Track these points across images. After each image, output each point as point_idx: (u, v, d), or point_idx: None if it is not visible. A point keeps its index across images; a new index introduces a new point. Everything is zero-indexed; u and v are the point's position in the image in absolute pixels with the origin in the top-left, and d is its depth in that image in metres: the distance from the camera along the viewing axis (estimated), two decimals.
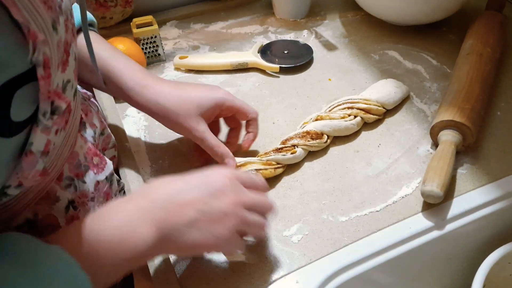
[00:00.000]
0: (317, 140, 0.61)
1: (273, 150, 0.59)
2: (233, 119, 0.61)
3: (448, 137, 0.58)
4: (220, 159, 0.56)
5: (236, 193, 0.43)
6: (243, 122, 0.62)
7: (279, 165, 0.59)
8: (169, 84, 0.56)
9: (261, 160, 0.58)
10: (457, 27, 0.86)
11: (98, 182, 0.49)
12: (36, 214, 0.40)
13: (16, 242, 0.34)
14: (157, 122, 0.68)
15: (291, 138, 0.61)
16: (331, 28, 0.89)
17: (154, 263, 0.49)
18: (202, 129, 0.55)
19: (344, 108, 0.65)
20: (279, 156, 0.58)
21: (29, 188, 0.38)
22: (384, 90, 0.68)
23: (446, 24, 0.86)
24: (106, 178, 0.50)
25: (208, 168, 0.44)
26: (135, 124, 0.69)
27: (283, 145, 0.60)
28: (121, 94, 0.56)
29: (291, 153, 0.59)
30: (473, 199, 0.55)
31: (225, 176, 0.43)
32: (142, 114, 0.71)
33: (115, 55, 0.56)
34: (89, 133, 0.51)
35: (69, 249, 0.35)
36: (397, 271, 0.54)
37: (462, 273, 0.62)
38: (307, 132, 0.61)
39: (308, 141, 0.61)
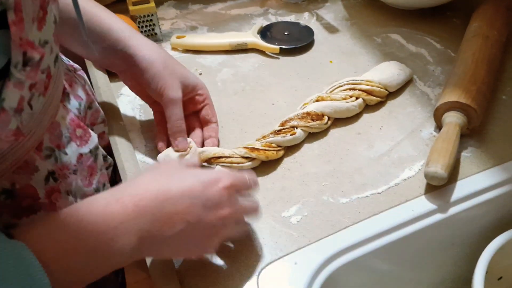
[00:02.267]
0: (318, 122, 0.59)
1: (272, 133, 0.58)
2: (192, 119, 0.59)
3: (453, 118, 0.56)
4: (174, 134, 0.54)
5: (231, 207, 0.41)
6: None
7: (279, 147, 0.57)
8: (157, 47, 0.55)
9: (260, 142, 0.56)
10: (461, 12, 0.84)
11: (81, 154, 0.47)
12: (14, 184, 0.38)
13: None
14: None
15: (291, 119, 0.59)
16: (332, 10, 0.87)
17: None
18: (180, 94, 0.54)
19: (346, 89, 0.63)
20: (278, 138, 0.57)
21: (4, 154, 0.36)
22: (387, 72, 0.66)
23: (450, 8, 0.84)
24: (90, 151, 0.48)
25: (205, 171, 0.42)
26: (130, 103, 0.67)
27: (282, 127, 0.58)
28: (108, 48, 0.54)
29: (291, 135, 0.57)
30: (477, 182, 0.54)
31: (223, 188, 0.40)
32: None
33: (100, 9, 0.55)
34: (73, 104, 0.49)
35: (39, 244, 0.33)
36: (399, 255, 0.52)
37: (464, 260, 0.60)
38: (308, 113, 0.60)
39: (308, 122, 0.59)
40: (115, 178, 0.62)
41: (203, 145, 0.58)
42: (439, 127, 0.60)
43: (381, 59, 0.73)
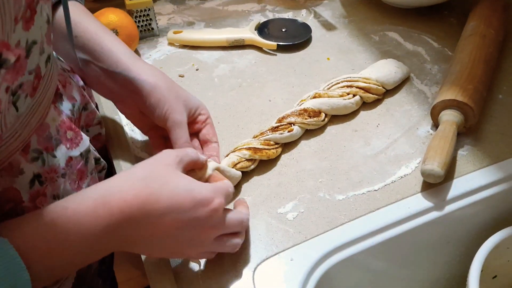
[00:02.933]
0: (315, 118, 0.59)
1: (269, 129, 0.57)
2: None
3: (450, 117, 0.56)
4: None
5: (215, 228, 0.40)
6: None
7: (277, 145, 0.57)
8: (160, 74, 0.53)
9: (258, 140, 0.56)
10: (458, 11, 0.84)
11: (71, 158, 0.45)
12: None
13: None
14: None
15: (288, 115, 0.59)
16: (330, 8, 0.87)
17: None
18: (185, 117, 0.51)
19: (343, 87, 0.63)
20: (276, 135, 0.56)
21: None
22: (385, 70, 0.66)
23: (447, 8, 0.84)
24: (81, 154, 0.47)
25: (199, 186, 0.40)
26: (72, 105, 0.66)
27: (279, 124, 0.58)
28: (106, 71, 0.51)
29: (288, 131, 0.57)
30: (474, 181, 0.54)
31: (214, 210, 0.39)
32: None
33: (103, 29, 0.52)
34: (66, 105, 0.48)
35: (24, 242, 0.32)
36: (394, 253, 0.52)
37: (459, 258, 0.60)
38: (305, 110, 0.59)
39: (306, 119, 0.59)
40: None
41: None
42: (435, 125, 0.60)
43: (378, 57, 0.73)
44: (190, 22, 0.83)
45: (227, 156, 0.55)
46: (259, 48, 0.76)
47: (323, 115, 0.60)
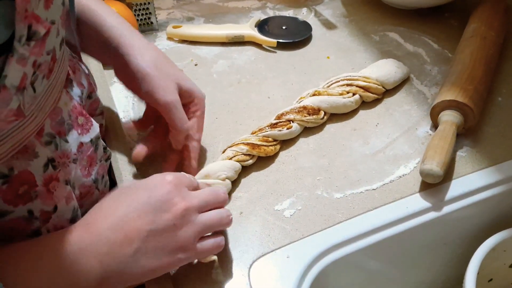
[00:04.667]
0: (314, 116, 0.59)
1: (268, 126, 0.57)
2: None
3: (450, 117, 0.56)
4: (183, 135, 0.51)
5: (183, 198, 0.39)
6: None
7: (275, 142, 0.56)
8: (154, 48, 0.52)
9: (257, 136, 0.56)
10: (459, 13, 0.84)
11: (82, 143, 0.45)
12: (12, 169, 0.36)
13: None
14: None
15: (287, 112, 0.59)
16: (331, 7, 0.87)
17: None
18: (177, 97, 0.50)
19: (343, 85, 0.62)
20: (275, 132, 0.56)
21: (4, 137, 0.35)
22: (385, 69, 0.65)
23: (448, 10, 0.84)
24: (91, 141, 0.47)
25: (149, 178, 0.40)
26: (123, 91, 0.66)
27: (278, 120, 0.58)
28: (102, 45, 0.51)
29: (287, 128, 0.57)
30: (472, 182, 0.53)
31: (168, 182, 0.39)
32: None
33: (99, 4, 0.52)
34: (75, 92, 0.48)
35: (7, 270, 0.33)
36: (391, 253, 0.52)
37: (456, 260, 0.60)
38: (304, 107, 0.59)
39: (305, 116, 0.58)
40: (110, 170, 0.60)
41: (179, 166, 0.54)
42: (435, 126, 0.59)
43: (378, 57, 0.73)
44: (189, 17, 0.82)
45: (224, 152, 0.54)
46: (258, 45, 0.76)
47: (322, 113, 0.60)
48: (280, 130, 0.56)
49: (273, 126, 0.57)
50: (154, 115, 0.54)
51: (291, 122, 0.58)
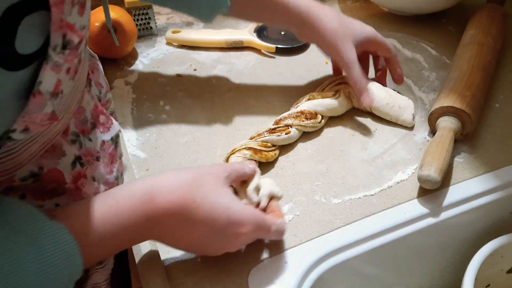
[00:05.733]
0: (312, 120, 0.59)
1: (266, 131, 0.57)
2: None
3: (447, 123, 0.56)
4: (358, 92, 0.59)
5: (242, 244, 0.43)
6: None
7: (274, 147, 0.56)
8: (330, 10, 0.61)
9: (255, 141, 0.56)
10: (456, 20, 0.84)
11: (103, 141, 0.46)
12: (41, 168, 0.37)
13: (18, 211, 0.32)
14: (145, 95, 0.66)
15: (285, 118, 0.59)
16: None
17: (140, 249, 0.46)
18: (353, 56, 0.58)
19: (336, 85, 0.63)
20: (273, 137, 0.56)
21: (34, 137, 0.35)
22: (381, 95, 0.62)
23: (446, 16, 0.85)
24: (112, 139, 0.48)
25: (236, 205, 0.41)
26: (122, 96, 0.66)
27: (276, 126, 0.58)
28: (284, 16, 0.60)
29: (286, 133, 0.57)
30: (470, 188, 0.54)
31: (240, 233, 0.41)
32: (130, 86, 0.68)
33: None
34: (94, 91, 0.49)
35: (75, 228, 0.34)
36: (389, 259, 0.52)
37: (453, 266, 0.60)
38: (301, 112, 0.59)
39: (303, 121, 0.58)
40: None
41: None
42: (433, 131, 0.60)
43: None
44: (189, 22, 0.83)
45: (227, 159, 0.54)
46: (257, 50, 0.76)
47: (319, 117, 0.60)
48: (278, 135, 0.56)
49: (271, 131, 0.57)
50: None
51: (289, 127, 0.58)
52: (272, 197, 0.46)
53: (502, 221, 0.58)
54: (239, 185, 0.46)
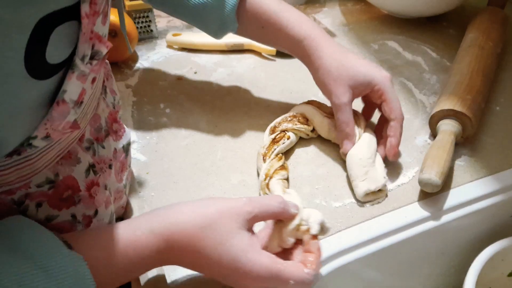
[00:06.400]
0: (304, 126, 0.58)
1: (270, 144, 0.56)
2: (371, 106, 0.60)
3: (448, 126, 0.56)
4: (340, 137, 0.55)
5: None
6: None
7: (281, 154, 0.56)
8: (335, 45, 0.56)
9: (275, 158, 0.54)
10: (457, 23, 0.84)
11: (115, 149, 0.46)
12: (57, 174, 0.37)
13: (38, 239, 0.32)
14: (145, 98, 0.66)
15: (279, 123, 0.58)
16: (330, 15, 0.87)
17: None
18: (345, 100, 0.53)
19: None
20: (281, 146, 0.56)
21: (52, 144, 0.35)
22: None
23: (446, 19, 0.85)
24: (123, 147, 0.48)
25: (249, 255, 0.37)
26: (123, 99, 0.66)
27: (275, 134, 0.57)
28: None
29: (287, 139, 0.56)
30: (470, 191, 0.54)
31: (248, 285, 0.38)
32: (130, 89, 0.68)
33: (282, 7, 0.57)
34: (109, 99, 0.49)
35: (89, 257, 0.33)
36: (390, 262, 0.52)
37: (454, 269, 0.60)
38: (294, 116, 0.59)
39: (296, 124, 0.58)
40: None
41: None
42: (433, 134, 0.60)
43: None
44: (189, 25, 0.82)
45: (267, 186, 0.52)
46: (258, 53, 0.76)
47: (312, 126, 0.59)
48: (283, 143, 0.56)
49: (275, 142, 0.56)
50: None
51: (286, 132, 0.57)
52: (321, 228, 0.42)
53: (502, 225, 0.58)
54: (275, 222, 0.41)
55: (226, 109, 0.65)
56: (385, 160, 0.55)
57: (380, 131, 0.57)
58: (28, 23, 0.26)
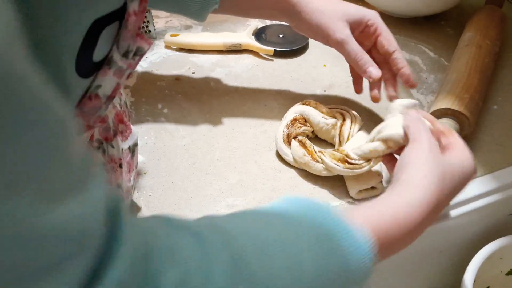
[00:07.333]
0: (305, 127, 0.58)
1: (314, 158, 0.53)
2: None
3: (445, 125, 0.56)
4: (362, 68, 0.54)
5: None
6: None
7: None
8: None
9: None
10: (454, 22, 0.84)
11: (122, 150, 0.46)
12: None
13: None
14: (143, 98, 0.66)
15: (290, 133, 0.56)
16: None
17: None
18: (347, 32, 0.53)
19: (336, 109, 0.60)
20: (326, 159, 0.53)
21: None
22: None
23: (444, 18, 0.85)
24: (129, 148, 0.48)
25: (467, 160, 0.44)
26: (119, 99, 0.66)
27: (306, 150, 0.54)
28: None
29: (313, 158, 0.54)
30: (468, 190, 0.53)
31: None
32: (128, 89, 0.68)
33: None
34: (115, 99, 0.49)
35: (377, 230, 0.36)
36: (387, 261, 0.51)
37: (452, 268, 0.60)
38: (295, 119, 0.58)
39: (299, 127, 0.58)
40: None
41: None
42: None
43: None
44: (187, 25, 0.83)
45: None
46: (256, 53, 0.76)
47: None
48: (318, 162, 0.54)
49: (313, 158, 0.53)
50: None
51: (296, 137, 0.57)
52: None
53: (501, 223, 0.58)
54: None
55: (224, 109, 0.65)
56: None
57: (374, 86, 0.58)
58: (85, 24, 0.27)
